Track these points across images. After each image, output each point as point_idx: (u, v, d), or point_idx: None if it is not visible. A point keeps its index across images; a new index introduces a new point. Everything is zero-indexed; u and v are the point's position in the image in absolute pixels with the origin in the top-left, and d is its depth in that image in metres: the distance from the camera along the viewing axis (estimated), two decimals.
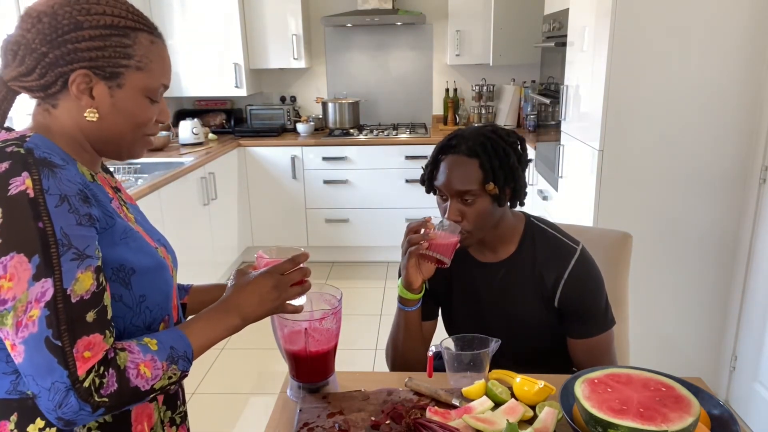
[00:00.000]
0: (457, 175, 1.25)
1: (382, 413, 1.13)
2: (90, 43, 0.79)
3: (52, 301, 0.73)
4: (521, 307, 1.36)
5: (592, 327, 1.34)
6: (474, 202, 1.26)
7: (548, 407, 1.08)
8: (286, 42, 4.10)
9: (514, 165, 1.27)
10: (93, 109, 0.83)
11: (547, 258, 1.33)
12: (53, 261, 0.73)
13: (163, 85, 0.88)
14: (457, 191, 1.26)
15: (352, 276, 4.04)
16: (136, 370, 0.79)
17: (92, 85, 0.82)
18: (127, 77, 0.83)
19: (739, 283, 2.37)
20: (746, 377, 2.37)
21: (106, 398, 0.76)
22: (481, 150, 1.25)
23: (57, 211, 0.75)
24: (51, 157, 0.78)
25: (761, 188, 2.23)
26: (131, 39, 0.82)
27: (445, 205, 1.30)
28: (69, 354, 0.74)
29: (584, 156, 2.48)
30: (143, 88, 0.84)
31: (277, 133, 4.20)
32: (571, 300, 1.32)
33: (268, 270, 0.98)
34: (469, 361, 1.21)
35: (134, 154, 0.91)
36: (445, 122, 4.44)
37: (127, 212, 0.94)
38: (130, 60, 0.82)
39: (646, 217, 2.34)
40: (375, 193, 4.06)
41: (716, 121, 2.22)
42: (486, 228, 1.31)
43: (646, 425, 0.90)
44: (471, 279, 1.41)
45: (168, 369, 0.83)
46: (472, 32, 4.05)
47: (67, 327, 0.74)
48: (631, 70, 2.20)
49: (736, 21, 2.13)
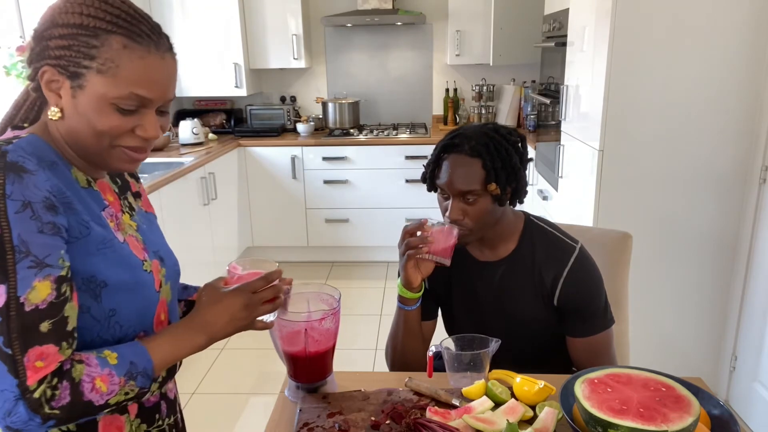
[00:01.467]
0: (460, 174, 1.26)
1: (382, 413, 1.12)
2: (59, 41, 0.79)
3: (4, 308, 0.72)
4: (521, 305, 1.36)
5: (592, 326, 1.34)
6: (476, 202, 1.27)
7: (548, 407, 1.08)
8: (286, 42, 4.10)
9: (516, 165, 1.27)
10: (57, 109, 0.81)
11: (546, 256, 1.34)
12: (8, 268, 0.72)
13: (135, 94, 0.80)
14: (459, 191, 1.26)
15: (352, 276, 4.04)
16: (92, 384, 0.77)
17: (61, 85, 0.80)
18: (89, 79, 0.79)
19: (739, 283, 2.37)
20: (746, 377, 2.37)
21: (57, 410, 0.74)
22: (484, 150, 1.25)
23: (17, 217, 0.73)
24: (24, 162, 0.76)
25: (761, 188, 2.23)
26: (99, 40, 0.78)
27: (447, 203, 1.30)
28: (19, 363, 0.72)
29: (584, 156, 2.48)
30: (104, 93, 0.79)
31: (277, 133, 4.20)
32: (570, 298, 1.33)
33: (240, 288, 0.94)
34: (469, 361, 1.21)
35: (109, 166, 0.85)
36: (445, 122, 4.44)
37: (128, 220, 0.92)
38: (92, 61, 0.78)
39: (646, 217, 2.34)
40: (375, 193, 4.06)
41: (716, 121, 2.22)
42: (487, 226, 1.31)
43: (646, 425, 0.90)
44: (470, 278, 1.41)
45: (125, 385, 0.81)
46: (472, 32, 4.05)
47: (18, 335, 0.72)
48: (631, 70, 2.20)
49: (736, 21, 2.13)
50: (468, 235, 1.30)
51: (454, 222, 1.28)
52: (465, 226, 1.28)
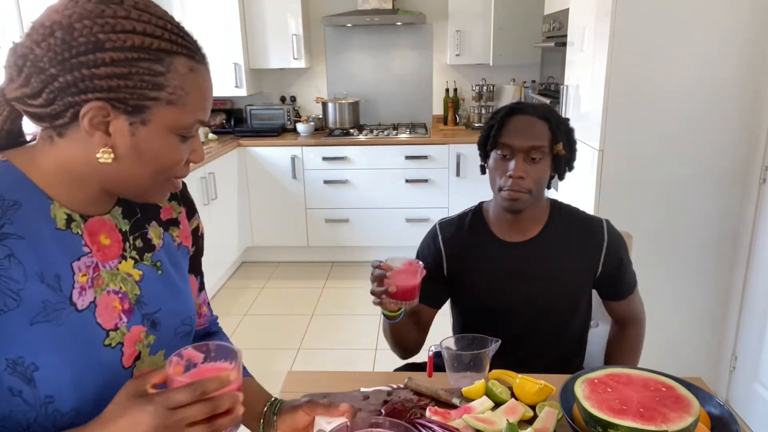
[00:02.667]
0: (531, 131, 1.31)
1: (382, 413, 1.12)
2: (111, 68, 0.64)
3: None
4: (560, 280, 1.40)
5: (629, 284, 1.46)
6: (539, 162, 1.31)
7: (548, 407, 1.08)
8: (286, 42, 4.10)
9: (573, 137, 1.38)
10: (108, 149, 0.67)
11: (582, 231, 1.42)
12: None
13: (200, 120, 0.72)
14: (528, 147, 1.30)
15: (352, 276, 4.04)
16: None
17: (109, 120, 0.66)
18: (155, 112, 0.67)
19: (739, 283, 2.37)
20: (746, 377, 2.37)
21: None
22: (551, 115, 1.33)
23: None
24: None
25: (761, 188, 2.23)
26: (164, 65, 0.67)
27: (507, 164, 1.32)
28: None
29: (584, 156, 2.48)
30: (174, 124, 0.69)
31: (277, 133, 4.20)
32: (614, 264, 1.41)
33: (156, 398, 0.65)
34: (469, 361, 1.21)
35: (154, 199, 0.76)
36: (445, 122, 4.44)
37: (127, 269, 0.77)
38: (160, 92, 0.67)
39: (646, 217, 2.34)
40: (375, 193, 4.06)
41: (716, 121, 2.22)
42: (540, 194, 1.37)
43: (646, 425, 0.90)
44: (497, 259, 1.42)
45: None
46: (472, 32, 4.05)
47: None
48: (631, 70, 2.20)
49: (737, 21, 2.13)
50: (526, 198, 1.33)
51: (516, 180, 1.30)
52: (525, 186, 1.31)
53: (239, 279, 4.00)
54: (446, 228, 1.48)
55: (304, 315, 3.42)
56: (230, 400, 0.67)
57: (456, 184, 3.98)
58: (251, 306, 3.58)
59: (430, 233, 1.50)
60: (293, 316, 3.42)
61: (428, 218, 4.05)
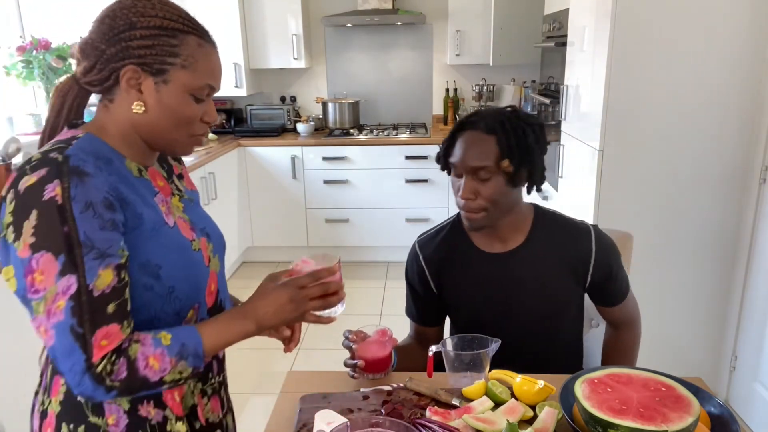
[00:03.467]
0: (473, 150, 1.25)
1: (382, 413, 1.12)
2: (141, 41, 0.87)
3: (76, 294, 0.81)
4: (545, 291, 1.36)
5: (621, 288, 1.42)
6: (488, 180, 1.26)
7: (548, 407, 1.08)
8: (286, 42, 4.10)
9: (531, 146, 1.26)
10: (140, 102, 0.90)
11: (567, 240, 1.36)
12: (77, 260, 0.81)
13: (208, 85, 0.93)
14: (472, 167, 1.25)
15: (352, 276, 4.04)
16: (145, 362, 0.85)
17: (141, 81, 0.89)
18: (173, 74, 0.89)
19: (740, 283, 2.37)
20: (746, 377, 2.37)
21: (117, 383, 0.83)
22: (499, 127, 1.25)
23: (82, 217, 0.82)
24: (84, 165, 0.84)
25: (761, 188, 2.23)
26: (178, 40, 0.90)
27: (459, 183, 1.29)
28: (89, 341, 0.81)
29: (584, 156, 2.48)
30: (187, 85, 0.90)
31: (277, 133, 4.20)
32: (604, 271, 1.37)
33: (286, 283, 1.00)
34: (469, 361, 1.21)
35: (183, 151, 0.98)
36: (445, 122, 4.44)
37: (176, 202, 1.01)
38: (176, 58, 0.89)
39: (646, 217, 2.34)
40: (375, 193, 4.06)
41: (716, 121, 2.22)
42: (500, 210, 1.30)
43: (646, 425, 0.90)
44: (479, 272, 1.39)
45: (177, 364, 0.87)
46: (472, 32, 4.05)
47: (89, 317, 0.82)
48: (631, 70, 2.20)
49: (736, 21, 2.13)
50: (483, 217, 1.29)
51: (466, 201, 1.27)
52: (478, 206, 1.27)
53: (239, 279, 4.00)
54: (425, 246, 1.45)
55: None
56: (336, 285, 1.04)
57: None
58: None
59: (412, 254, 1.48)
60: None
61: (428, 218, 4.05)
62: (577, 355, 1.50)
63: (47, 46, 2.81)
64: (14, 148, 2.41)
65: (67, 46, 2.87)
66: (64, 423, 0.91)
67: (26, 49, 2.78)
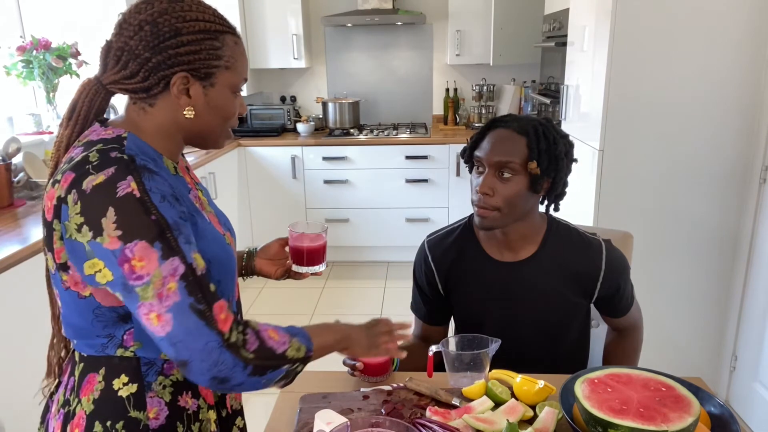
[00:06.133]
0: (503, 146, 1.24)
1: (382, 413, 1.13)
2: (188, 47, 0.88)
3: (185, 273, 0.82)
4: (552, 302, 1.36)
5: (627, 300, 1.42)
6: (510, 180, 1.24)
7: (548, 407, 1.08)
8: (286, 42, 4.10)
9: (560, 155, 1.26)
10: (191, 108, 0.91)
11: (579, 254, 1.35)
12: (173, 243, 0.82)
13: (244, 79, 0.96)
14: (497, 162, 1.24)
15: (352, 276, 4.04)
16: (267, 333, 0.88)
17: (189, 86, 0.90)
18: (218, 76, 0.91)
19: (740, 282, 2.37)
20: (746, 377, 2.37)
21: (252, 354, 0.84)
22: (532, 130, 1.24)
23: (163, 206, 0.84)
24: (147, 163, 0.87)
25: (761, 188, 2.23)
26: (220, 41, 0.90)
27: (479, 180, 1.27)
28: (212, 317, 0.82)
29: (584, 156, 2.48)
30: (230, 84, 0.93)
31: (277, 133, 4.20)
32: (612, 287, 1.37)
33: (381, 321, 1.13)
34: (470, 361, 1.21)
35: (220, 144, 1.02)
36: (445, 122, 4.45)
37: (201, 195, 1.03)
38: (220, 60, 0.91)
39: (646, 217, 2.34)
40: (375, 193, 4.06)
41: (716, 120, 2.22)
42: (513, 214, 1.28)
43: (646, 425, 0.90)
44: (488, 279, 1.38)
45: (292, 340, 0.90)
46: (472, 32, 4.05)
47: (202, 295, 0.83)
48: (631, 70, 2.20)
49: (736, 21, 2.13)
50: (494, 217, 1.27)
51: (482, 195, 1.25)
52: (492, 204, 1.25)
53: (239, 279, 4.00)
54: (435, 247, 1.44)
55: (304, 315, 3.43)
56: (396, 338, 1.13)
57: (456, 184, 3.99)
58: (251, 306, 3.58)
59: (420, 253, 1.47)
60: (293, 316, 3.43)
61: (428, 218, 4.05)
62: (582, 363, 1.49)
63: (47, 46, 2.81)
64: (14, 148, 2.41)
65: (68, 46, 2.86)
66: (97, 422, 0.90)
67: (26, 49, 2.78)
